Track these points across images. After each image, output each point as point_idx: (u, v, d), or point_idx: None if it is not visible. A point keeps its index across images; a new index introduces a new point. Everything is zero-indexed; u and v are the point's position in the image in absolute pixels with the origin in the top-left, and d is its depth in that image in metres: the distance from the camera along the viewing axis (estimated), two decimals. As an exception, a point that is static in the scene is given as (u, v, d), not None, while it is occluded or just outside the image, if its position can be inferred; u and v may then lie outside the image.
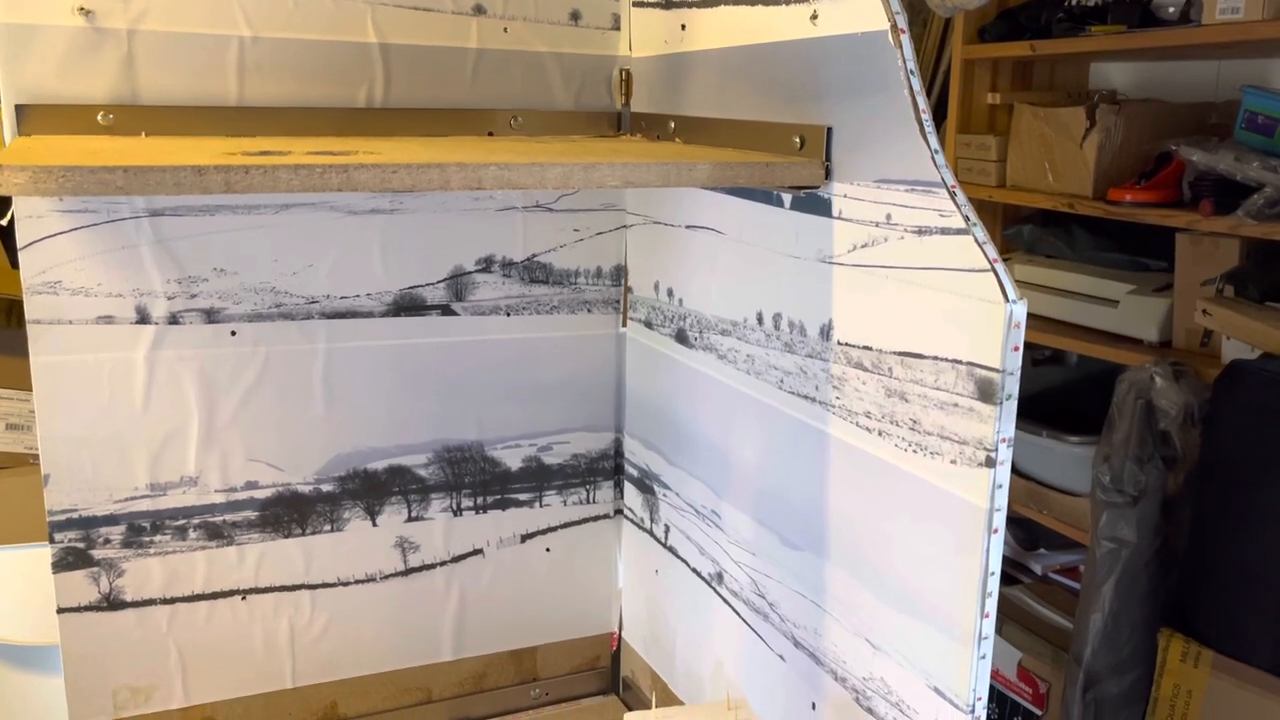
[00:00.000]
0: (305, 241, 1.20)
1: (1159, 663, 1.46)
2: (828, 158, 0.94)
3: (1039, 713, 1.68)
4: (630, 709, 1.39)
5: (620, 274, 1.36)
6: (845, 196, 0.92)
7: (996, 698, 1.76)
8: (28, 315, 1.11)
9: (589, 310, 1.35)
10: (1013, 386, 0.78)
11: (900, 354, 0.87)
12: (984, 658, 0.82)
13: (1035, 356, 2.00)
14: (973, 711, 0.82)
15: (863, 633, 0.94)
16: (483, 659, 1.38)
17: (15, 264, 1.11)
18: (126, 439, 1.16)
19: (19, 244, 1.09)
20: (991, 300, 0.78)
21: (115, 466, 1.16)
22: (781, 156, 0.96)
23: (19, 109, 1.06)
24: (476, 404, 1.32)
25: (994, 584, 0.81)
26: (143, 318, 1.15)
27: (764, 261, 1.05)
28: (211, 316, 1.18)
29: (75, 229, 1.11)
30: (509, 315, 1.31)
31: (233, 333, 1.19)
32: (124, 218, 1.12)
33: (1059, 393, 1.93)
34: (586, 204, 1.33)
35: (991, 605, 0.81)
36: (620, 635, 1.46)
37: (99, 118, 1.08)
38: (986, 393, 0.79)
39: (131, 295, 1.14)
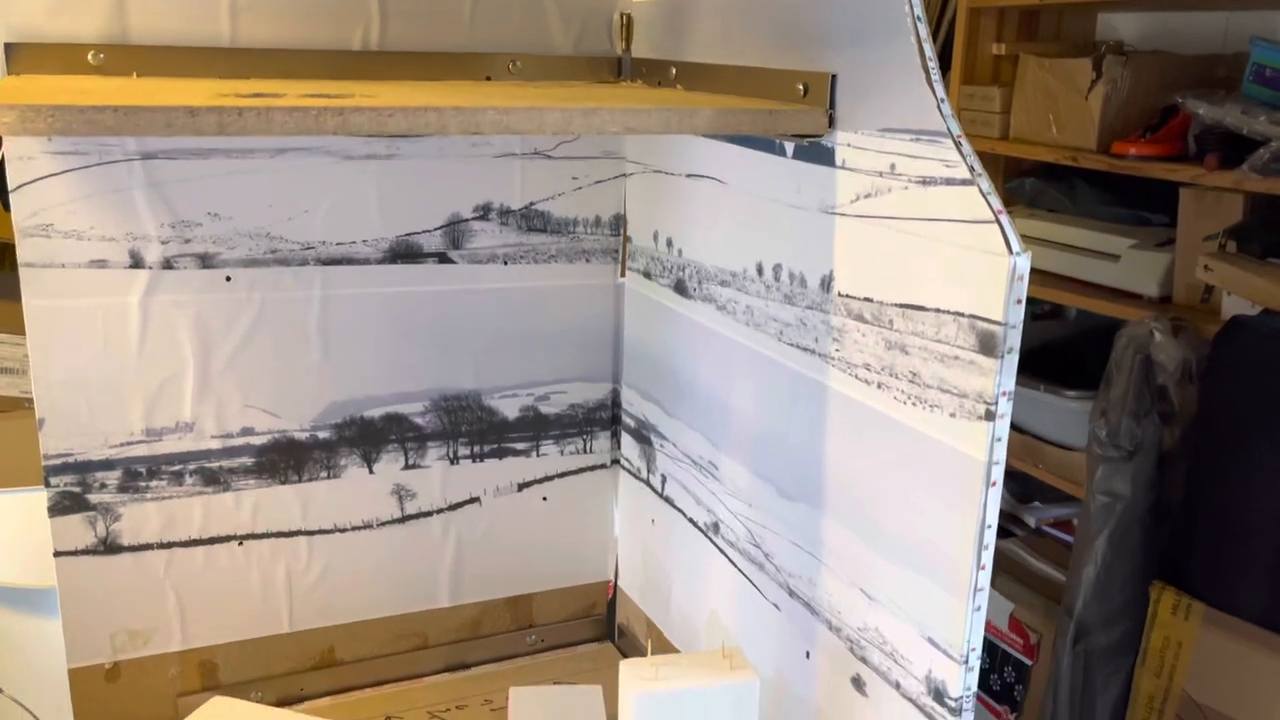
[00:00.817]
0: (301, 187, 1.19)
1: (1149, 615, 1.47)
2: (831, 106, 0.92)
3: (1029, 663, 1.70)
4: (625, 656, 1.40)
5: (619, 223, 1.35)
6: (849, 146, 0.91)
7: (987, 648, 1.78)
8: (20, 258, 1.10)
9: (587, 260, 1.34)
10: (1014, 340, 0.77)
11: (901, 306, 0.87)
12: (978, 609, 0.82)
13: (1034, 311, 2.00)
14: (966, 662, 0.83)
15: (858, 583, 0.95)
16: (479, 606, 1.39)
17: (7, 206, 1.09)
18: (121, 384, 1.16)
19: (9, 186, 1.08)
20: (995, 252, 0.77)
21: (110, 411, 1.16)
22: (785, 104, 0.95)
23: (8, 48, 1.04)
24: (473, 353, 1.31)
25: (990, 537, 0.81)
26: (136, 262, 1.14)
27: (765, 211, 1.04)
28: (206, 262, 1.17)
29: (67, 171, 1.10)
30: (506, 264, 1.30)
31: (227, 278, 1.18)
32: (116, 160, 1.11)
33: (1057, 347, 1.93)
34: (585, 151, 1.31)
35: (988, 558, 0.81)
36: (616, 584, 1.47)
37: (89, 57, 1.06)
38: (988, 346, 0.78)
39: (124, 239, 1.13)
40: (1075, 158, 1.79)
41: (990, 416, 0.78)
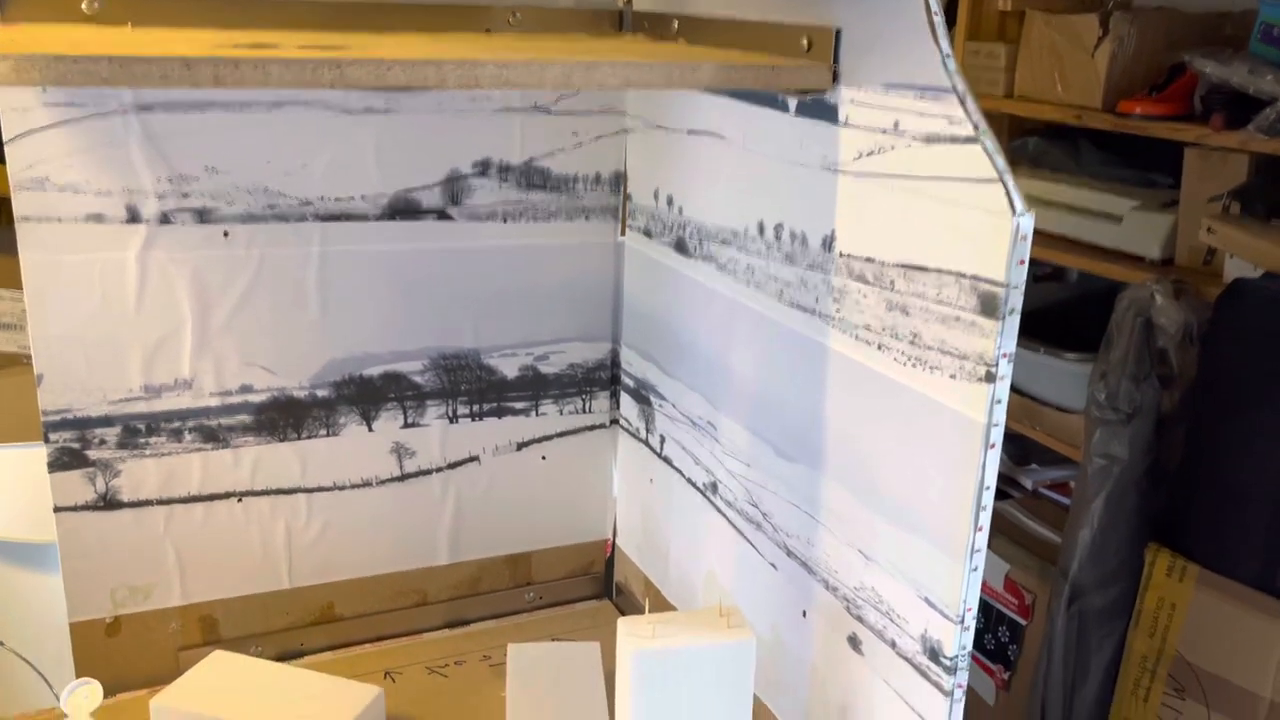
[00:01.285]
0: (298, 141, 1.18)
1: (1144, 577, 1.48)
2: (835, 61, 0.91)
3: (1024, 623, 1.71)
4: (623, 614, 1.41)
5: (619, 180, 1.34)
6: (852, 102, 0.90)
7: (982, 608, 1.79)
8: (16, 212, 1.09)
9: (587, 218, 1.33)
10: (1016, 301, 0.77)
11: (903, 266, 0.86)
12: (975, 570, 0.82)
13: (1035, 273, 1.99)
14: (962, 622, 0.83)
15: (855, 544, 0.95)
16: (478, 563, 1.39)
17: (2, 158, 1.08)
18: (120, 340, 1.16)
19: (4, 138, 1.07)
20: (998, 212, 0.76)
21: (109, 368, 1.16)
22: (788, 59, 0.93)
23: (0, -3, 1.02)
24: (472, 311, 1.31)
25: (988, 498, 0.81)
26: (133, 216, 1.13)
27: (767, 169, 1.03)
28: (204, 217, 1.16)
29: (62, 123, 1.08)
30: (506, 221, 1.29)
31: (225, 234, 1.17)
32: (112, 112, 1.10)
33: (1058, 310, 1.92)
34: (586, 106, 1.30)
35: (985, 519, 0.81)
36: (614, 542, 1.47)
37: (84, 6, 1.04)
38: (989, 307, 0.78)
39: (121, 193, 1.12)
40: (1080, 116, 1.77)
41: (990, 378, 0.78)
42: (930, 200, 0.82)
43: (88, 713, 0.88)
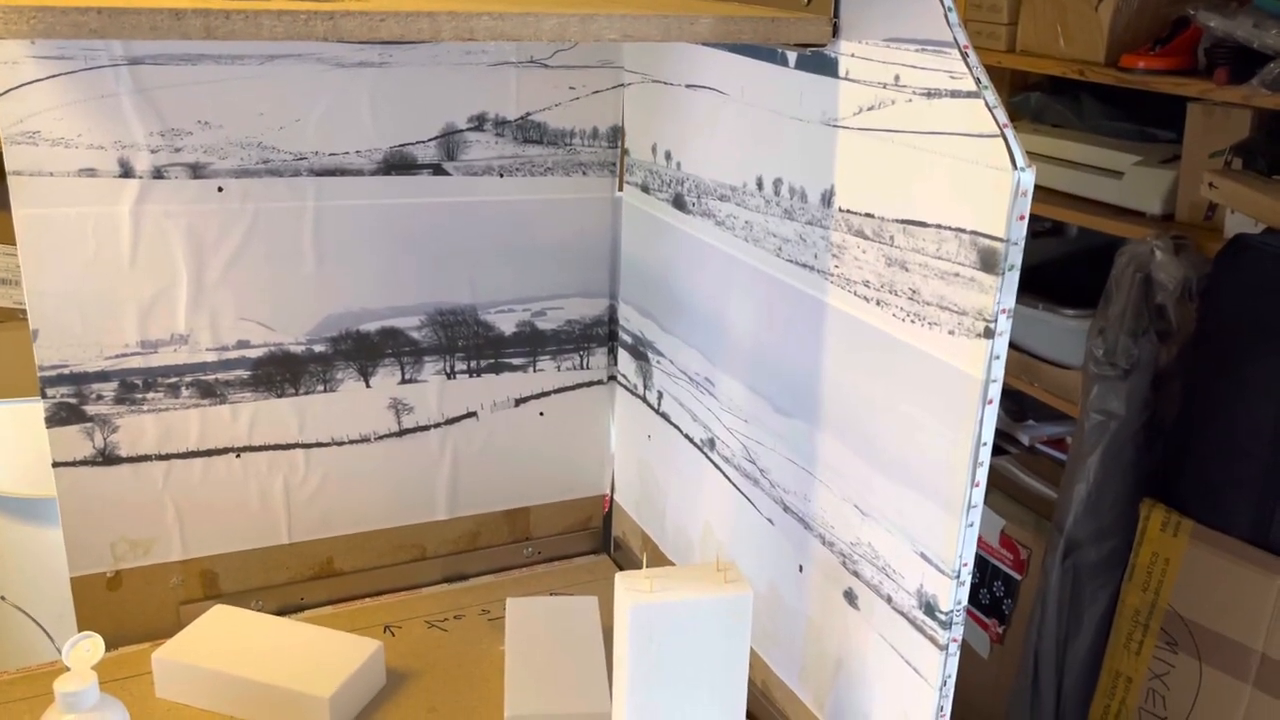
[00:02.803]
0: (292, 95, 1.16)
1: (1139, 531, 1.49)
2: (836, 14, 0.90)
3: (1019, 578, 1.73)
4: (621, 569, 1.42)
5: (617, 135, 1.33)
6: (853, 56, 0.89)
7: (978, 563, 1.80)
8: (7, 166, 1.08)
9: (584, 173, 1.32)
10: (1016, 257, 0.77)
11: (902, 222, 0.85)
12: (972, 525, 0.83)
13: (1035, 229, 1.98)
14: (958, 577, 0.84)
15: (852, 499, 0.95)
16: (476, 518, 1.40)
17: (-8, 113, 1.07)
18: (115, 295, 1.15)
19: (-6, 91, 1.06)
20: (999, 167, 0.75)
21: (105, 323, 1.15)
22: (788, 11, 0.92)
23: (-14, -54, 1.00)
24: (469, 267, 1.30)
25: (986, 454, 0.81)
26: (126, 171, 1.12)
27: (766, 124, 1.02)
28: (197, 171, 1.15)
29: (52, 76, 1.07)
30: (502, 176, 1.28)
31: (219, 189, 1.16)
32: (102, 65, 1.08)
33: (1057, 266, 1.92)
34: (583, 60, 1.28)
35: (982, 475, 0.81)
36: (612, 498, 1.48)
37: (71, -43, 1.03)
38: (989, 263, 0.77)
39: (113, 147, 1.11)
40: (1083, 71, 1.75)
41: (989, 334, 0.78)
42: (931, 155, 0.81)
43: (89, 666, 0.88)
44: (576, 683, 1.11)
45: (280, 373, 1.24)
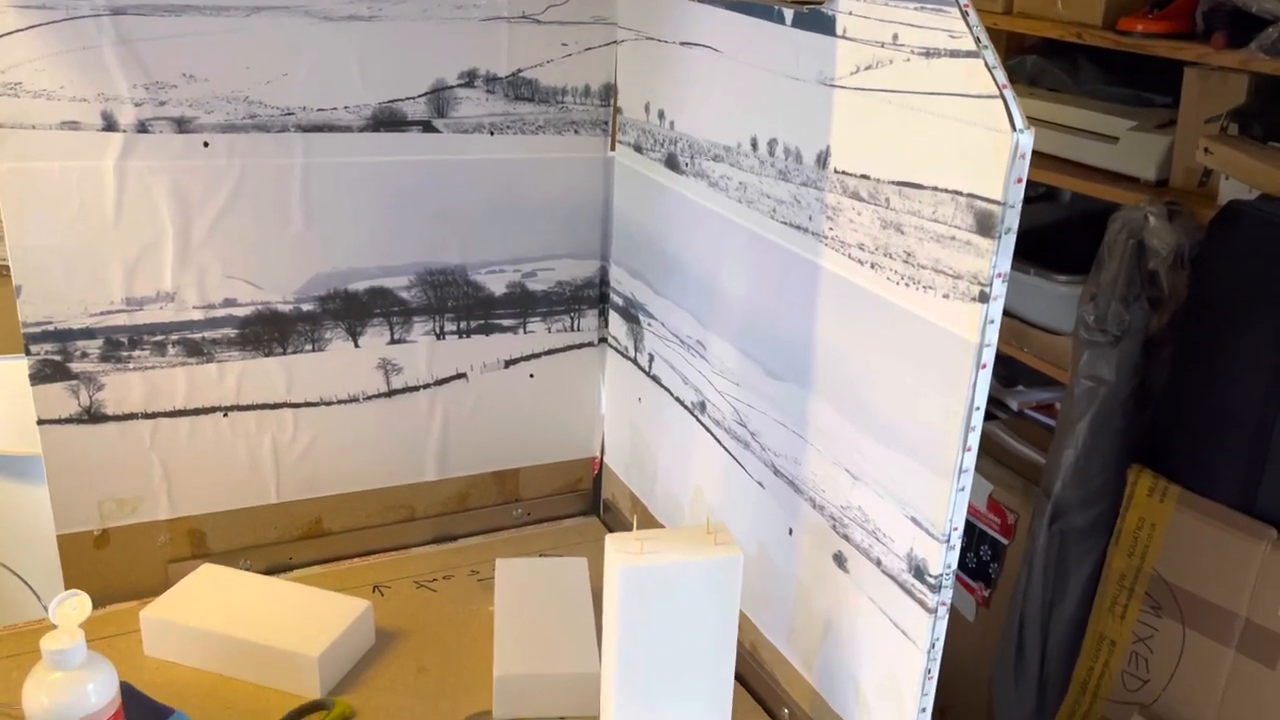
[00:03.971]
0: (278, 48, 1.14)
1: (1126, 497, 1.49)
2: (834, -29, 0.88)
3: (1005, 542, 1.74)
4: (611, 530, 1.42)
5: (609, 93, 1.31)
6: (850, 14, 0.87)
7: (965, 527, 1.81)
8: (-12, 119, 1.06)
9: (576, 131, 1.31)
10: (1013, 220, 0.76)
11: (898, 184, 0.85)
12: (962, 490, 0.83)
13: (1028, 194, 1.97)
14: (948, 541, 0.84)
15: (842, 463, 0.95)
16: (466, 479, 1.40)
17: (-29, 64, 1.05)
18: (99, 252, 1.14)
19: (-27, 41, 1.04)
20: (998, 129, 0.74)
21: (89, 279, 1.14)
22: (785, -32, 0.90)
23: (-37, -110, 0.98)
24: (459, 227, 1.29)
25: (978, 419, 0.81)
26: (109, 124, 1.10)
27: (761, 83, 1.01)
28: (182, 126, 1.13)
29: (33, 26, 1.05)
30: (493, 134, 1.27)
31: (205, 144, 1.14)
32: (84, 15, 1.06)
33: (1049, 231, 1.91)
34: (576, 16, 1.26)
35: (974, 439, 0.81)
36: (602, 460, 1.48)
37: (51, -97, 1.00)
38: (985, 226, 0.77)
39: (96, 100, 1.09)
40: (1080, 34, 1.73)
41: (984, 298, 0.77)
42: (928, 116, 0.80)
43: (76, 624, 0.88)
44: (565, 643, 1.12)
45: (268, 332, 1.23)
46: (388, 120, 1.21)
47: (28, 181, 1.09)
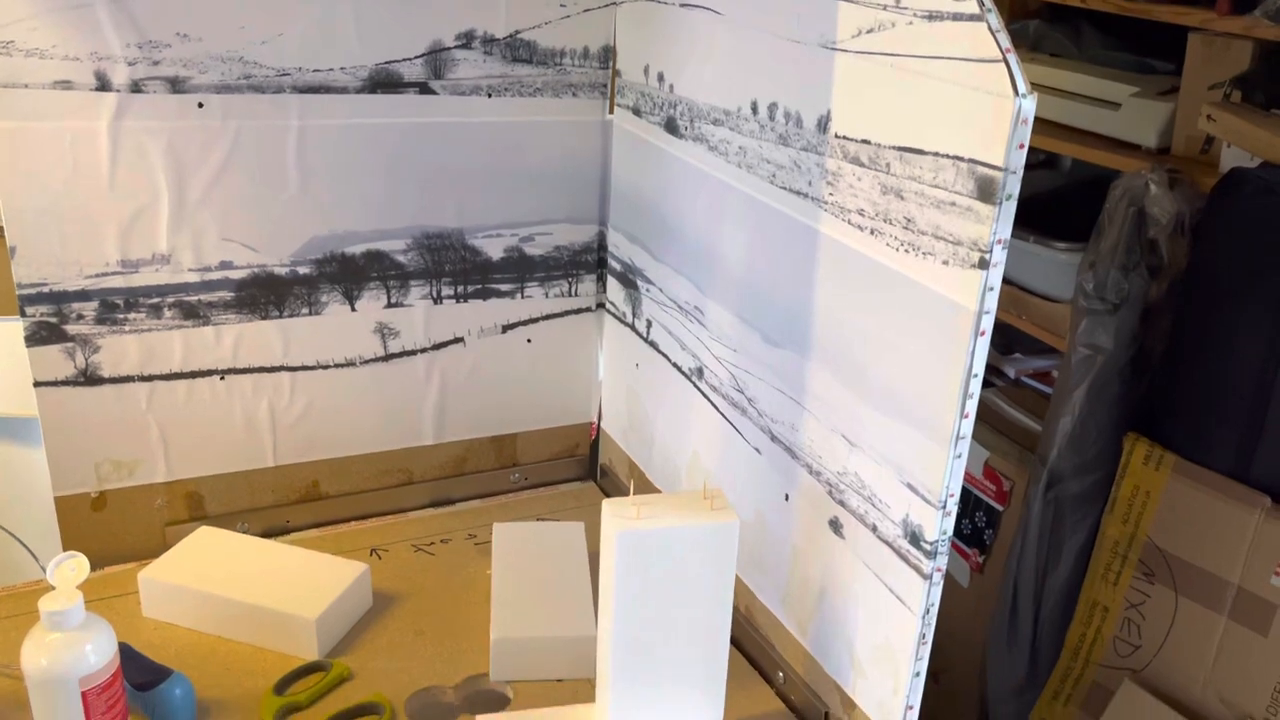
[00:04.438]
0: (274, 8, 1.13)
1: (1121, 465, 1.50)
2: (837, -69, 0.87)
3: (1000, 509, 1.74)
4: (607, 495, 1.43)
5: (608, 56, 1.29)
6: (853, -24, 0.86)
7: (960, 493, 1.81)
8: (-20, 78, 1.05)
9: (574, 94, 1.30)
10: (1014, 186, 0.75)
11: (899, 149, 0.84)
12: (959, 457, 0.83)
13: (1028, 161, 1.96)
14: (944, 507, 0.84)
15: (840, 429, 0.95)
16: (463, 444, 1.40)
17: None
18: (94, 213, 1.13)
19: (-36, -1, 1.02)
20: (1000, 94, 0.74)
21: (84, 241, 1.13)
22: (787, -72, 0.89)
23: None
24: (456, 190, 1.28)
25: (976, 386, 0.81)
26: (103, 84, 1.09)
27: (762, 46, 1.00)
28: (176, 86, 1.12)
29: (24, -16, 1.03)
30: (490, 96, 1.25)
31: (200, 104, 1.13)
32: (76, -27, 1.05)
33: (1049, 198, 1.90)
34: (575, -23, 1.25)
35: (972, 406, 0.81)
36: (599, 425, 1.48)
37: None
38: (986, 192, 0.76)
39: (89, 59, 1.08)
40: (1084, -1, 1.71)
41: (984, 265, 0.77)
42: (930, 80, 0.80)
43: (74, 585, 0.88)
44: (562, 607, 1.12)
45: (264, 295, 1.23)
46: (384, 82, 1.20)
47: (21, 141, 1.08)
